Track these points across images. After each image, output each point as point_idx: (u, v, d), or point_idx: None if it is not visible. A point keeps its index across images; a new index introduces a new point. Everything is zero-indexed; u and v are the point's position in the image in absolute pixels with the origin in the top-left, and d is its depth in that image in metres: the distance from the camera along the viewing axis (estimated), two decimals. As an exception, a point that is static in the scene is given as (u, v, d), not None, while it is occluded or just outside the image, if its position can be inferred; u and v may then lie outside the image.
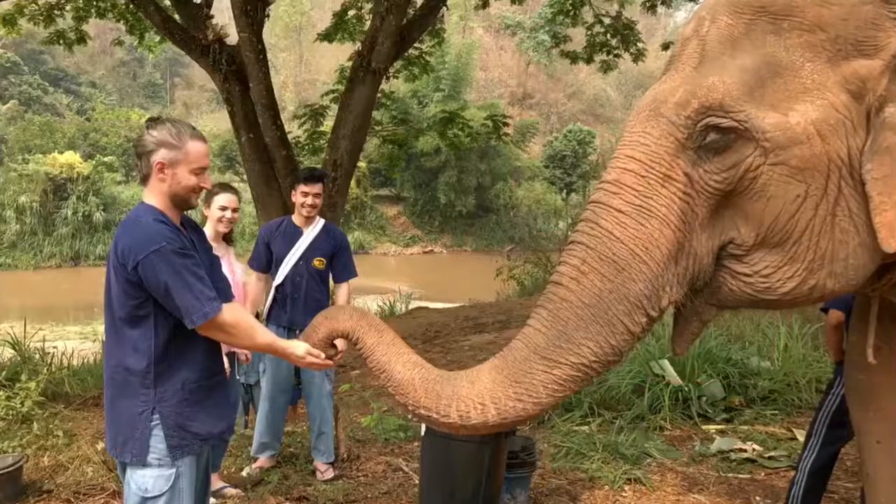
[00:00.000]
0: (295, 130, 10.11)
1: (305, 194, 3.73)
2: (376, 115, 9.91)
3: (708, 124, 1.56)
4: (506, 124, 11.65)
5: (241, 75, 6.90)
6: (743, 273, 1.60)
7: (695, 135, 1.57)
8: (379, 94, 8.26)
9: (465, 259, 28.46)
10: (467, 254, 30.67)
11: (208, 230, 3.42)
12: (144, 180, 2.03)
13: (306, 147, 10.40)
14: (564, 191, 32.54)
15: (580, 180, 31.49)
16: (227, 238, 3.65)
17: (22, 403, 3.72)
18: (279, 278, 3.74)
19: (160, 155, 1.98)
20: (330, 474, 3.73)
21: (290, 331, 3.65)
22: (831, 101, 1.54)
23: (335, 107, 9.38)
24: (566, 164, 32.79)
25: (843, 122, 1.53)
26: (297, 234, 3.79)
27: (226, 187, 3.62)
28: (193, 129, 2.05)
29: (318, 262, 3.76)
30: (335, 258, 3.81)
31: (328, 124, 11.24)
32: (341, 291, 3.81)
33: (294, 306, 3.72)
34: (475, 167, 31.05)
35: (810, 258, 1.56)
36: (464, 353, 8.91)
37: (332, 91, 9.47)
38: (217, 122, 39.76)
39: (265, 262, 3.81)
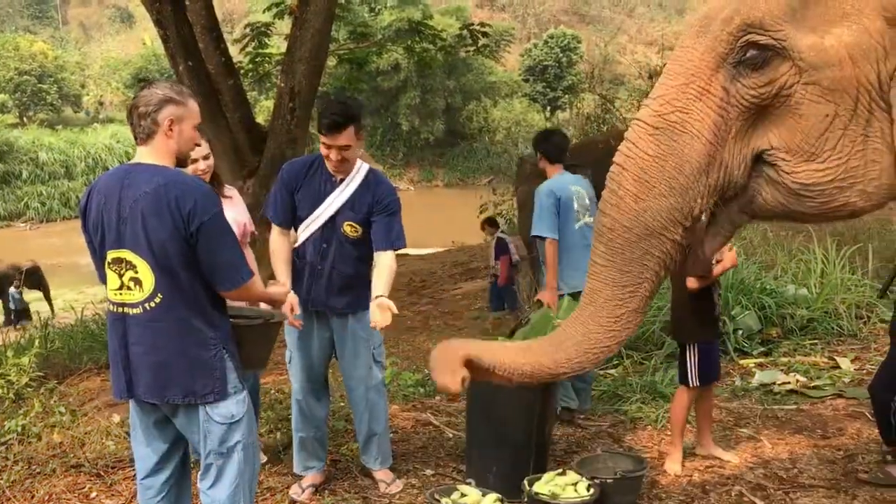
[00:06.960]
0: (236, 55, 10.14)
1: (328, 147, 3.24)
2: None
3: (748, 41, 1.94)
4: (485, 34, 11.78)
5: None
6: (775, 183, 2.02)
7: (735, 50, 1.95)
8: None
9: (439, 196, 28.72)
10: (439, 189, 30.95)
11: None
12: (147, 139, 2.38)
13: (250, 73, 10.47)
14: (548, 108, 32.73)
15: (566, 95, 31.54)
16: None
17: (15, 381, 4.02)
18: (300, 240, 3.40)
19: (169, 112, 2.35)
20: (398, 486, 3.48)
21: (318, 314, 3.36)
22: (867, 26, 1.92)
23: (281, 24, 9.27)
24: (549, 76, 32.85)
25: (875, 48, 1.93)
26: (328, 184, 3.35)
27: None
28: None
29: (349, 228, 3.33)
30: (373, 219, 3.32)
31: (275, 45, 11.23)
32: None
33: (317, 282, 3.33)
34: (442, 85, 30.97)
35: (841, 175, 1.96)
36: (457, 304, 9.25)
37: (277, 3, 9.47)
38: (125, 46, 38.73)
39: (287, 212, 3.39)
